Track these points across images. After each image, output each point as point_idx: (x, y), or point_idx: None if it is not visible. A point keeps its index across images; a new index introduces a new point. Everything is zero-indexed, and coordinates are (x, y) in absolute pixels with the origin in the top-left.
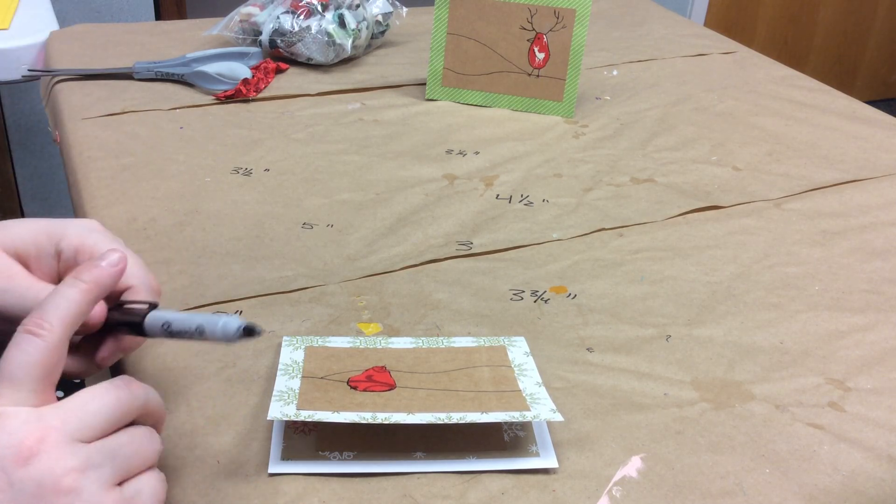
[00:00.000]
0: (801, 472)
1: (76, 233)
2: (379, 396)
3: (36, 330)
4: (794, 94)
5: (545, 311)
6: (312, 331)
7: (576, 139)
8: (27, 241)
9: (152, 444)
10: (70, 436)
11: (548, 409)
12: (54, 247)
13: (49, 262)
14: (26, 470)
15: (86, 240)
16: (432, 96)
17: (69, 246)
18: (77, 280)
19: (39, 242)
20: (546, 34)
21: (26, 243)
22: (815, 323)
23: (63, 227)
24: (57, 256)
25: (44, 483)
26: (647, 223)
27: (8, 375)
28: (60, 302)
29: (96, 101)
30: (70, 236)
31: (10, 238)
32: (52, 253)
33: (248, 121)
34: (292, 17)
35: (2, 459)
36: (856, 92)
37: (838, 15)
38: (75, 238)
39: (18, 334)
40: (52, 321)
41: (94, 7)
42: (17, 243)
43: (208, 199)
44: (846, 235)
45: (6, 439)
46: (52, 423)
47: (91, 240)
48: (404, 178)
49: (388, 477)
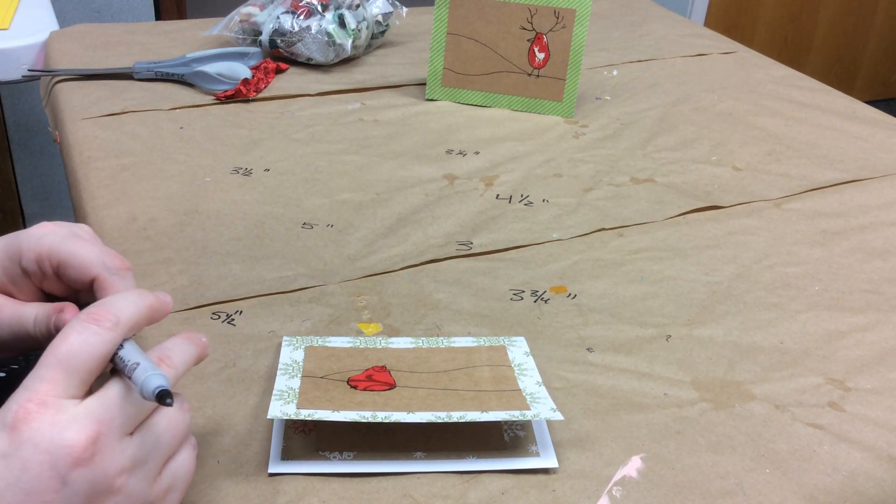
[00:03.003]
0: (801, 472)
1: (30, 246)
2: (379, 396)
3: (104, 322)
4: (794, 94)
5: (545, 311)
6: (312, 331)
7: (576, 139)
8: None
9: (184, 419)
10: (119, 431)
11: (548, 409)
12: (18, 266)
13: (22, 280)
14: (80, 471)
15: (41, 248)
16: (432, 96)
17: (30, 261)
18: (149, 294)
19: (5, 266)
20: (546, 34)
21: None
22: (815, 323)
23: (18, 244)
24: (26, 274)
25: (97, 483)
26: (647, 223)
27: (65, 362)
28: (130, 305)
29: (96, 101)
30: (25, 251)
31: None
32: (19, 273)
33: (248, 121)
34: (292, 17)
35: (57, 460)
36: (856, 92)
37: (838, 15)
38: (32, 252)
39: (80, 322)
40: (121, 319)
41: (94, 7)
42: None
43: (208, 199)
44: (846, 235)
45: (61, 438)
46: (102, 418)
47: (46, 244)
48: (404, 178)
49: (388, 477)
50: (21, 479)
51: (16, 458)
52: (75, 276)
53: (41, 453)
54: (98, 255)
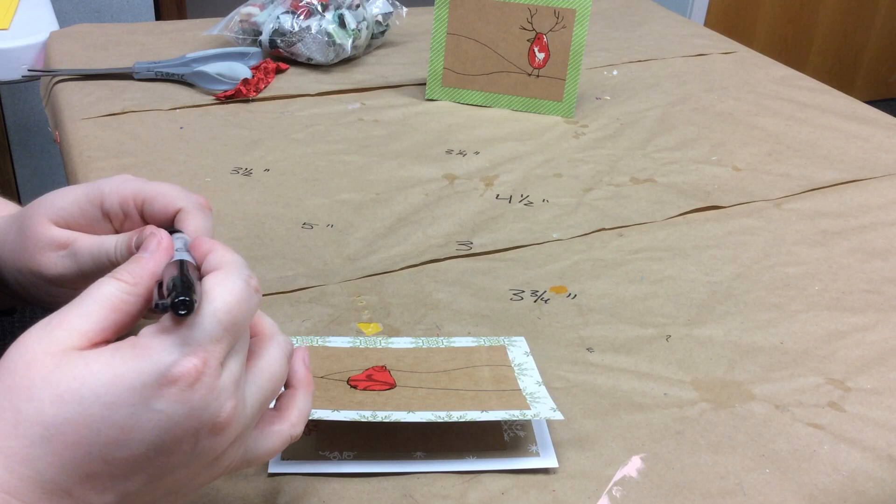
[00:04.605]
0: (801, 472)
1: (113, 189)
2: (379, 395)
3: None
4: (794, 94)
5: (545, 311)
6: (312, 331)
7: (576, 139)
8: (74, 212)
9: (283, 366)
10: (249, 402)
11: (548, 408)
12: (99, 210)
13: (100, 225)
14: (213, 440)
15: (125, 190)
16: (432, 96)
17: (112, 204)
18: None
19: (85, 210)
20: (546, 34)
21: (73, 214)
22: (815, 323)
23: (99, 189)
24: (106, 218)
25: (217, 450)
26: (647, 223)
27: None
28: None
29: (96, 101)
30: (109, 195)
31: (57, 211)
32: (99, 217)
33: (248, 121)
34: (292, 17)
35: (200, 427)
36: (856, 92)
37: (838, 15)
38: (115, 195)
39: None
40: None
41: (94, 7)
42: (65, 215)
43: (208, 199)
44: (846, 235)
45: (209, 412)
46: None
47: (129, 187)
48: (404, 178)
49: (388, 477)
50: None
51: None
52: (161, 209)
53: (193, 420)
54: (181, 190)
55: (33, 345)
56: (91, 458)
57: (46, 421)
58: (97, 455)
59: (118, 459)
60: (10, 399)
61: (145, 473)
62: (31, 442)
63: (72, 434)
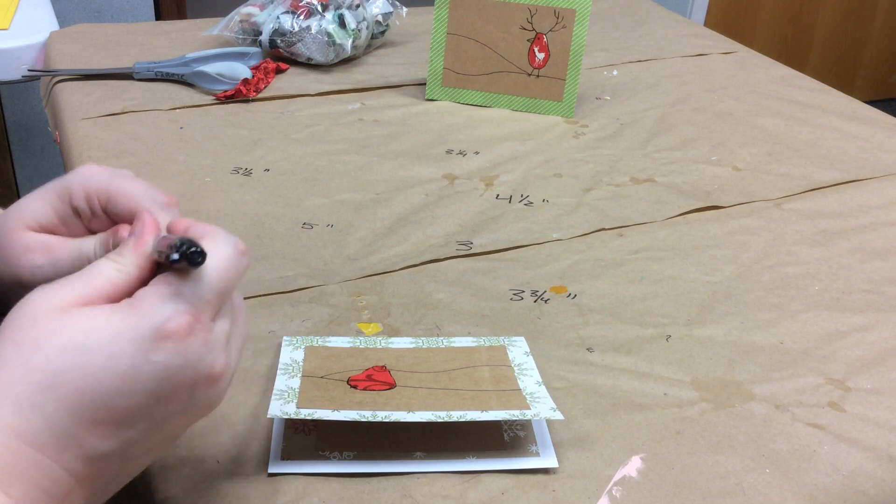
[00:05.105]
0: (801, 472)
1: (79, 185)
2: (379, 395)
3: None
4: (794, 94)
5: (545, 311)
6: (312, 331)
7: (576, 139)
8: (47, 212)
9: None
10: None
11: (548, 408)
12: (69, 207)
13: (72, 220)
14: (208, 391)
15: (90, 186)
16: (432, 96)
17: (80, 201)
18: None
19: (57, 208)
20: (546, 34)
21: (47, 215)
22: (815, 323)
23: (66, 185)
24: (76, 214)
25: (212, 401)
26: (647, 223)
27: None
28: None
29: (96, 101)
30: (75, 190)
31: (29, 215)
32: (70, 214)
33: (248, 121)
34: (292, 17)
35: (196, 378)
36: (856, 92)
37: (838, 15)
38: (81, 191)
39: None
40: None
41: (94, 7)
42: (38, 217)
43: (208, 199)
44: (846, 235)
45: (204, 364)
46: (228, 349)
47: (94, 183)
48: (404, 178)
49: (388, 477)
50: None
51: (161, 366)
52: (123, 210)
53: (189, 370)
54: (145, 190)
55: (38, 302)
56: (96, 405)
57: (54, 369)
58: (101, 403)
59: (121, 407)
60: (18, 350)
61: (145, 421)
62: (39, 388)
63: (77, 381)
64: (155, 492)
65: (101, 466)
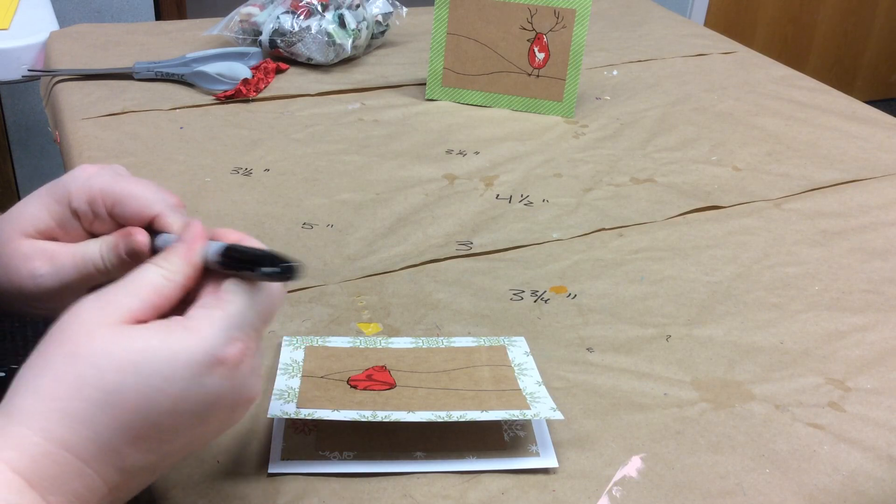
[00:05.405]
0: (801, 472)
1: (80, 187)
2: (379, 395)
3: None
4: (794, 94)
5: (545, 311)
6: (312, 331)
7: (576, 139)
8: (43, 217)
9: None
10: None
11: (548, 408)
12: (67, 209)
13: (70, 223)
14: (243, 411)
15: (92, 189)
16: (432, 96)
17: (80, 203)
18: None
19: (53, 211)
20: (546, 34)
21: (44, 219)
22: (815, 323)
23: (65, 187)
24: (75, 216)
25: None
26: (647, 223)
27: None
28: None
29: (96, 101)
30: (76, 193)
31: (26, 220)
32: (69, 216)
33: (248, 121)
34: (292, 17)
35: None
36: (856, 92)
37: (838, 15)
38: (82, 193)
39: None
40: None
41: (94, 7)
42: (35, 223)
43: (208, 199)
44: (846, 235)
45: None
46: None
47: (97, 185)
48: (404, 178)
49: (388, 477)
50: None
51: (210, 390)
52: (132, 213)
53: (234, 395)
54: (155, 191)
55: (89, 317)
56: (145, 423)
57: (108, 387)
58: (151, 421)
59: (167, 426)
60: (73, 365)
61: (185, 438)
62: (91, 405)
63: (131, 401)
64: (155, 492)
65: (135, 476)
